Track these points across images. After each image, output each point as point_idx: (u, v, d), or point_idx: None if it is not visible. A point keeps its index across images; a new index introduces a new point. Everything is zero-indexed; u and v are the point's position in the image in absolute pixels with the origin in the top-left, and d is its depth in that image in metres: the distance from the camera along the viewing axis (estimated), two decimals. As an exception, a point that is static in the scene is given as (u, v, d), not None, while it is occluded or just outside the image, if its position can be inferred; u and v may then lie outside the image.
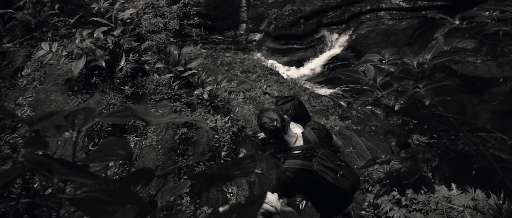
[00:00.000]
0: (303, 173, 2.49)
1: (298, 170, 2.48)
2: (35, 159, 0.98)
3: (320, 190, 2.60)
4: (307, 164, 2.50)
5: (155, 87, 4.10)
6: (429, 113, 1.81)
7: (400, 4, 12.54)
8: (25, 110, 3.99)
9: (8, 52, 4.71)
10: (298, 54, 13.19)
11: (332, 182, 2.51)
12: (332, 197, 2.66)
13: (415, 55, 1.79)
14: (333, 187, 2.54)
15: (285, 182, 2.49)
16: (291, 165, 2.50)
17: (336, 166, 2.58)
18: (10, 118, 1.32)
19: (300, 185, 2.54)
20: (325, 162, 2.55)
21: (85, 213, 0.92)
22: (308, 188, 2.63)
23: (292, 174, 2.48)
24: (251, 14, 13.79)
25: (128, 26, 4.47)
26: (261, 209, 3.06)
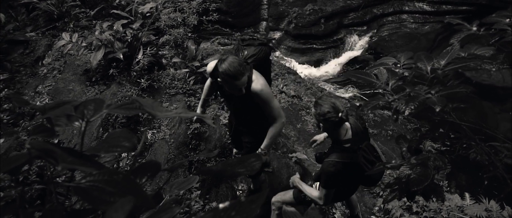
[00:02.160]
0: (350, 166, 2.47)
1: (346, 163, 2.45)
2: (41, 146, 1.00)
3: (355, 181, 2.66)
4: (354, 157, 2.47)
5: (171, 81, 4.14)
6: (441, 120, 1.78)
7: (424, 7, 12.33)
8: (44, 98, 4.08)
9: (31, 41, 4.82)
10: (317, 54, 13.09)
11: (368, 174, 2.52)
12: (356, 184, 2.75)
13: (429, 60, 1.76)
14: (367, 178, 2.55)
15: (335, 177, 2.47)
16: (342, 159, 2.45)
17: (374, 158, 2.58)
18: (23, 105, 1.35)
19: (345, 177, 2.53)
20: (367, 155, 2.54)
21: (88, 202, 0.93)
22: (346, 180, 2.62)
23: (342, 168, 2.45)
24: (271, 12, 13.75)
25: (147, 20, 4.52)
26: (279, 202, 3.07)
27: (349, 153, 2.48)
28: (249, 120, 2.91)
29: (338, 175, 2.47)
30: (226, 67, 2.38)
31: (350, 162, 2.46)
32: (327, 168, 2.49)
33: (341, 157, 2.47)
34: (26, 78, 4.34)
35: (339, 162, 2.46)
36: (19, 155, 0.99)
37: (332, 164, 2.47)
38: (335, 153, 2.50)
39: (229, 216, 0.89)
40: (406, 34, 12.54)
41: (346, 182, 2.69)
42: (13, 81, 4.23)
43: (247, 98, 2.60)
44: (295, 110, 6.40)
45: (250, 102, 2.65)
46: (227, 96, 2.78)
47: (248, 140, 3.04)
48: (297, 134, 5.46)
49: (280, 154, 4.17)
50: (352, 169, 2.50)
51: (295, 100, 6.99)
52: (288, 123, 5.73)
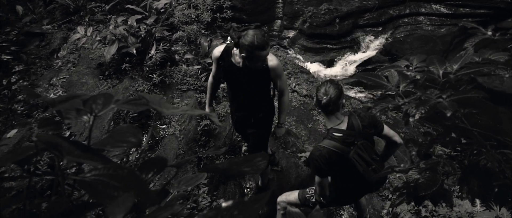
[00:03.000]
0: (337, 156, 2.47)
1: (333, 152, 2.46)
2: (47, 139, 1.01)
3: (349, 177, 2.63)
4: (344, 149, 2.47)
5: (183, 77, 4.15)
6: (452, 125, 1.75)
7: (441, 10, 12.14)
8: (58, 90, 4.14)
9: (47, 33, 4.89)
10: (331, 54, 12.99)
11: (363, 173, 2.52)
12: (356, 185, 2.71)
13: (442, 64, 1.73)
14: (362, 178, 2.55)
15: (318, 160, 2.48)
16: (327, 145, 2.47)
17: (371, 159, 2.58)
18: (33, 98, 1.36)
19: (331, 166, 2.53)
20: (362, 152, 2.54)
21: (92, 196, 0.94)
22: (339, 172, 2.64)
23: (327, 154, 2.46)
24: (286, 11, 13.69)
25: (161, 16, 4.55)
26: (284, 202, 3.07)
27: (338, 143, 2.48)
28: (256, 101, 2.97)
29: (323, 161, 2.47)
30: (251, 39, 2.45)
31: (336, 152, 2.46)
32: (313, 153, 2.53)
33: (330, 144, 2.48)
34: (41, 70, 4.41)
35: (325, 148, 2.47)
36: (27, 147, 1.00)
37: (318, 149, 2.50)
38: (326, 139, 2.53)
39: (231, 215, 0.89)
40: (421, 36, 12.37)
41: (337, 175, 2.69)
42: (28, 73, 4.30)
43: (262, 74, 2.72)
44: (306, 110, 6.37)
45: (263, 79, 2.78)
46: (235, 79, 2.83)
47: (253, 130, 3.07)
48: (307, 133, 5.44)
49: (289, 153, 4.16)
50: (340, 161, 2.49)
51: (307, 100, 6.95)
52: (299, 122, 5.71)
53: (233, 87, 2.93)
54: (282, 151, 4.10)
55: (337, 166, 2.53)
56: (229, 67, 2.75)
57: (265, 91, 2.95)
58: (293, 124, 5.34)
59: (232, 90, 2.95)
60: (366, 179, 2.54)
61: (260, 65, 2.64)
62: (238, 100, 2.98)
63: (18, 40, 4.49)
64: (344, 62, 12.61)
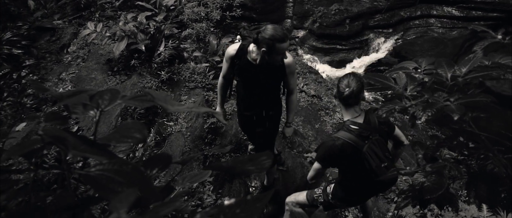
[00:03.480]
0: (351, 149, 2.46)
1: (348, 144, 2.45)
2: (53, 133, 1.01)
3: (359, 172, 2.60)
4: (359, 143, 2.46)
5: (191, 75, 4.17)
6: (459, 128, 1.74)
7: (453, 12, 12.03)
8: (67, 85, 4.17)
9: (57, 28, 4.94)
10: (340, 55, 12.93)
11: (375, 169, 2.50)
12: (366, 183, 2.69)
13: (450, 67, 1.72)
14: (374, 174, 2.53)
15: (331, 150, 2.48)
16: (342, 137, 2.46)
17: (384, 156, 2.58)
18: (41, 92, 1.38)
19: (343, 159, 2.54)
20: (376, 148, 2.54)
21: (96, 190, 0.95)
22: (349, 165, 2.62)
23: (341, 145, 2.45)
24: (296, 11, 13.66)
25: (171, 13, 4.57)
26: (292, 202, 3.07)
27: (353, 136, 2.47)
28: (269, 99, 3.00)
29: (335, 152, 2.47)
30: (272, 32, 2.50)
31: (351, 144, 2.45)
32: (327, 141, 2.54)
33: (345, 135, 2.47)
34: (51, 65, 4.45)
35: (340, 139, 2.46)
36: (33, 140, 1.01)
37: (333, 139, 2.50)
38: (342, 131, 2.52)
39: (233, 214, 0.89)
40: (432, 38, 12.27)
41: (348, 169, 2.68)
42: (39, 67, 4.34)
43: (278, 70, 2.77)
44: (314, 110, 6.36)
45: (278, 75, 2.82)
46: (250, 77, 2.85)
47: (261, 129, 3.08)
48: (314, 134, 5.43)
49: (295, 153, 4.15)
50: (353, 154, 2.48)
51: (315, 100, 6.93)
52: (306, 122, 5.70)
53: (247, 85, 2.94)
54: (288, 150, 4.10)
55: (349, 160, 2.52)
56: (245, 65, 2.77)
57: (277, 89, 3.00)
58: (300, 124, 5.33)
59: (246, 88, 2.96)
60: (378, 176, 2.53)
61: (279, 59, 2.67)
62: (250, 98, 2.99)
63: (29, 34, 4.54)
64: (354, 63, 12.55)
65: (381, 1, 12.78)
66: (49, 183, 2.71)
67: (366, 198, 3.08)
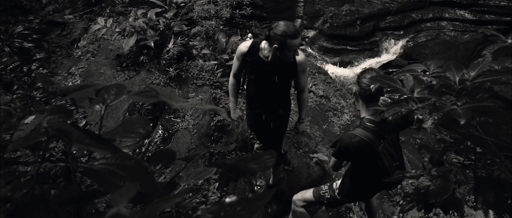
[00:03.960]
0: (367, 146, 2.45)
1: (364, 142, 2.44)
2: (58, 126, 1.02)
3: (371, 169, 2.60)
4: (375, 141, 2.45)
5: (199, 72, 4.18)
6: (466, 133, 1.72)
7: (465, 15, 11.90)
8: (76, 79, 4.21)
9: (68, 23, 4.98)
10: (350, 56, 12.87)
11: (388, 167, 2.51)
12: (376, 180, 2.66)
13: (459, 71, 1.70)
14: (386, 173, 2.52)
15: (347, 147, 2.47)
16: (361, 134, 2.45)
17: (397, 155, 2.60)
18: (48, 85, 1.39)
19: (357, 156, 2.54)
20: (390, 147, 2.54)
21: (99, 184, 0.95)
22: (362, 162, 2.62)
23: (358, 143, 2.44)
24: (307, 10, 13.61)
25: (180, 10, 4.58)
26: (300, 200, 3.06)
27: (370, 134, 2.46)
28: (279, 97, 3.00)
29: (351, 149, 2.46)
30: (284, 29, 2.51)
31: (368, 142, 2.44)
32: (344, 138, 2.51)
33: (362, 133, 2.45)
34: (61, 59, 4.49)
35: (357, 136, 2.44)
36: (38, 133, 1.02)
37: (350, 136, 2.47)
38: (359, 128, 2.50)
39: (234, 211, 0.89)
40: (444, 41, 12.16)
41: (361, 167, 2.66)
42: (49, 61, 4.39)
43: (290, 68, 2.78)
44: (322, 110, 6.34)
45: (290, 73, 2.83)
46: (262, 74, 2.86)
47: (271, 127, 3.08)
48: (322, 134, 5.41)
49: (301, 153, 4.14)
50: (369, 152, 2.47)
51: (323, 100, 6.92)
52: (314, 122, 5.69)
53: (258, 83, 2.95)
54: (294, 150, 4.09)
55: (364, 157, 2.52)
56: (256, 63, 2.79)
57: (288, 88, 3.00)
58: (307, 124, 5.32)
59: (257, 86, 2.97)
60: (390, 175, 2.53)
61: (291, 56, 2.67)
62: (260, 96, 2.99)
63: (40, 28, 4.59)
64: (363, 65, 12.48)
65: (393, 3, 12.70)
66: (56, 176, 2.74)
67: (373, 194, 3.08)
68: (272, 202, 3.60)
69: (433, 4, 12.42)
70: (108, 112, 3.68)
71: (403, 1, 12.52)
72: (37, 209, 1.03)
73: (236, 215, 0.89)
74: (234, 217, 0.90)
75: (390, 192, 4.09)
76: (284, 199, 3.61)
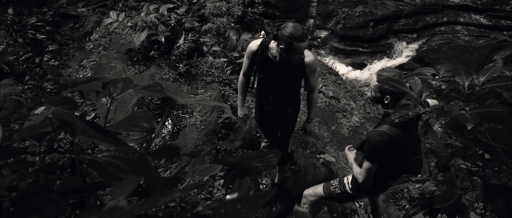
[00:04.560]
0: (395, 143, 2.42)
1: (394, 139, 2.41)
2: (62, 117, 1.02)
3: (395, 164, 2.57)
4: (402, 136, 2.42)
5: (208, 69, 4.19)
6: (473, 138, 1.70)
7: (480, 20, 11.74)
8: (87, 72, 4.25)
9: (81, 16, 5.03)
10: (362, 58, 12.80)
11: (410, 162, 2.51)
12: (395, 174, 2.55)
13: (468, 75, 1.68)
14: (409, 167, 2.53)
15: (379, 145, 2.42)
16: (390, 131, 2.41)
17: (417, 148, 2.58)
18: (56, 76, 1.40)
19: (387, 153, 2.48)
20: (413, 141, 2.54)
21: (101, 176, 0.96)
22: (387, 160, 2.55)
23: (388, 140, 2.40)
24: (320, 11, 13.56)
25: (192, 6, 4.60)
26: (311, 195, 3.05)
27: (398, 129, 2.42)
28: (288, 96, 2.99)
29: (382, 146, 2.41)
30: (291, 31, 2.49)
31: (396, 138, 2.40)
32: (373, 137, 2.44)
33: (390, 129, 2.41)
34: (73, 52, 4.54)
35: (387, 133, 2.40)
36: (43, 123, 1.03)
37: (379, 134, 2.42)
38: (385, 124, 2.46)
39: (234, 208, 0.89)
40: (458, 46, 12.01)
41: (387, 163, 2.60)
42: (61, 53, 4.43)
43: (298, 69, 2.75)
44: (331, 111, 6.31)
45: (298, 74, 2.81)
46: (270, 73, 2.86)
47: (278, 126, 3.08)
48: (330, 135, 5.39)
49: (308, 153, 4.13)
50: (396, 148, 2.44)
51: (333, 101, 6.89)
52: (323, 123, 5.67)
53: (267, 82, 2.95)
54: (301, 150, 4.08)
55: (390, 153, 2.47)
56: (265, 61, 2.79)
57: (296, 87, 2.98)
58: (316, 124, 5.30)
59: (266, 84, 2.97)
60: (411, 169, 2.54)
61: (297, 58, 2.65)
62: (269, 94, 2.99)
63: (53, 20, 4.64)
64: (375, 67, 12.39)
65: (407, 6, 12.58)
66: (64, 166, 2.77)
67: (387, 188, 3.01)
68: (277, 201, 3.60)
69: (448, 8, 12.27)
70: (116, 105, 3.71)
71: (417, 4, 12.40)
72: (41, 199, 1.04)
73: (236, 213, 0.89)
74: (234, 214, 0.90)
75: (397, 196, 4.07)
76: (289, 199, 3.60)
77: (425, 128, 1.63)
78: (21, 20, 4.30)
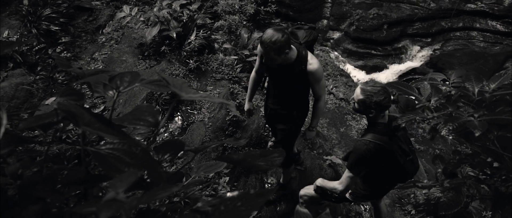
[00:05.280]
0: (381, 149, 2.43)
1: (380, 146, 2.42)
2: (67, 108, 1.03)
3: (387, 170, 2.58)
4: (387, 142, 2.44)
5: (218, 66, 4.19)
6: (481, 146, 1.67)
7: (497, 27, 11.55)
8: (98, 65, 4.28)
9: (95, 9, 5.07)
10: (374, 60, 12.68)
11: (402, 164, 2.49)
12: (391, 178, 2.67)
13: (479, 82, 1.65)
14: (401, 169, 2.52)
15: (365, 154, 2.43)
16: (375, 140, 2.43)
17: (408, 149, 2.57)
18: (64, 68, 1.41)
19: (375, 161, 2.50)
20: (402, 143, 2.53)
21: (103, 168, 0.96)
22: (378, 166, 2.58)
23: (375, 149, 2.42)
24: (334, 12, 13.46)
25: (205, 3, 4.61)
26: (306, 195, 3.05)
27: (384, 136, 2.43)
28: (293, 99, 2.98)
29: (368, 155, 2.42)
30: (266, 37, 2.50)
31: (383, 145, 2.41)
32: (359, 146, 2.46)
33: (376, 138, 2.42)
34: (86, 44, 4.58)
35: (372, 142, 2.41)
36: (48, 114, 1.04)
37: (365, 143, 2.43)
38: (370, 133, 2.47)
39: (234, 206, 0.89)
40: (472, 52, 11.85)
41: (377, 170, 2.62)
42: (73, 45, 4.48)
43: (300, 76, 2.74)
44: (341, 113, 6.28)
45: (300, 80, 2.79)
46: (274, 76, 2.89)
47: (283, 126, 3.08)
48: (338, 137, 5.36)
49: (315, 154, 4.12)
50: (384, 155, 2.45)
51: (343, 103, 6.85)
52: (332, 125, 5.64)
53: (272, 82, 2.99)
54: (308, 151, 4.07)
55: (379, 160, 2.48)
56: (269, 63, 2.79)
57: (303, 92, 2.98)
58: (325, 126, 5.28)
59: (273, 84, 3.00)
60: (406, 171, 2.52)
61: (273, 63, 2.65)
62: (276, 94, 3.01)
63: (67, 12, 4.68)
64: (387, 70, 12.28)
65: (422, 9, 12.44)
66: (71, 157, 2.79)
67: (388, 191, 3.02)
68: (282, 201, 3.59)
69: (464, 13, 12.10)
70: (126, 99, 3.74)
71: (433, 8, 12.26)
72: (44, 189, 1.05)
73: (236, 210, 0.89)
74: (234, 212, 0.90)
75: (403, 201, 4.03)
76: (294, 199, 3.59)
77: (432, 133, 1.61)
78: (36, 11, 4.35)
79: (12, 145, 1.02)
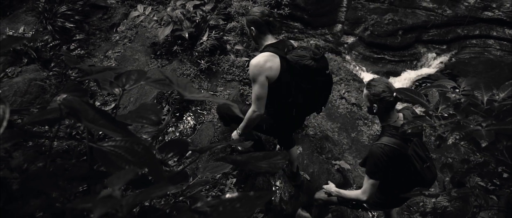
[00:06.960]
0: (397, 153, 2.42)
1: (395, 149, 2.40)
2: (70, 104, 1.04)
3: (404, 175, 2.55)
4: (403, 146, 2.42)
5: (229, 67, 4.20)
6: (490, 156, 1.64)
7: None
8: (111, 62, 4.33)
9: (110, 7, 5.13)
10: (388, 66, 12.58)
11: (420, 170, 2.47)
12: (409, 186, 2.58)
13: (488, 90, 1.62)
14: (419, 176, 2.50)
15: (381, 158, 2.41)
16: (389, 143, 2.41)
17: (425, 156, 2.55)
18: (72, 64, 1.42)
19: (391, 166, 2.47)
20: (418, 149, 2.51)
21: (104, 165, 0.97)
22: (394, 171, 2.55)
23: (390, 152, 2.40)
24: (349, 16, 13.40)
25: (219, 4, 4.62)
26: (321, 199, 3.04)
27: (398, 140, 2.41)
28: None
29: (385, 158, 2.40)
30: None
31: (398, 149, 2.39)
32: (374, 151, 2.44)
33: (390, 141, 2.41)
34: (99, 42, 4.63)
35: (387, 145, 2.40)
36: (51, 109, 1.05)
37: (380, 146, 2.42)
38: (384, 137, 2.45)
39: (233, 207, 0.89)
40: (488, 60, 11.69)
41: (395, 176, 2.58)
42: (88, 43, 4.54)
43: None
44: (352, 118, 6.24)
45: None
46: None
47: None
48: (349, 142, 5.33)
49: (323, 159, 4.09)
50: (400, 159, 2.42)
51: (355, 108, 6.81)
52: (343, 129, 5.59)
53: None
54: (316, 155, 4.04)
55: (395, 164, 2.46)
56: None
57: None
58: (336, 130, 5.24)
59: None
60: (423, 177, 2.50)
61: None
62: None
63: (83, 10, 4.75)
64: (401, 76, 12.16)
65: (438, 16, 12.29)
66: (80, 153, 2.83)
67: (402, 203, 3.00)
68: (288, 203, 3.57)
69: (481, 21, 11.94)
70: (137, 97, 3.77)
71: (449, 15, 12.12)
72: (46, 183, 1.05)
73: (235, 212, 0.89)
74: (232, 213, 0.89)
75: (412, 209, 3.98)
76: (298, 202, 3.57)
77: (439, 141, 1.58)
78: (52, 8, 4.42)
79: (15, 139, 1.03)
